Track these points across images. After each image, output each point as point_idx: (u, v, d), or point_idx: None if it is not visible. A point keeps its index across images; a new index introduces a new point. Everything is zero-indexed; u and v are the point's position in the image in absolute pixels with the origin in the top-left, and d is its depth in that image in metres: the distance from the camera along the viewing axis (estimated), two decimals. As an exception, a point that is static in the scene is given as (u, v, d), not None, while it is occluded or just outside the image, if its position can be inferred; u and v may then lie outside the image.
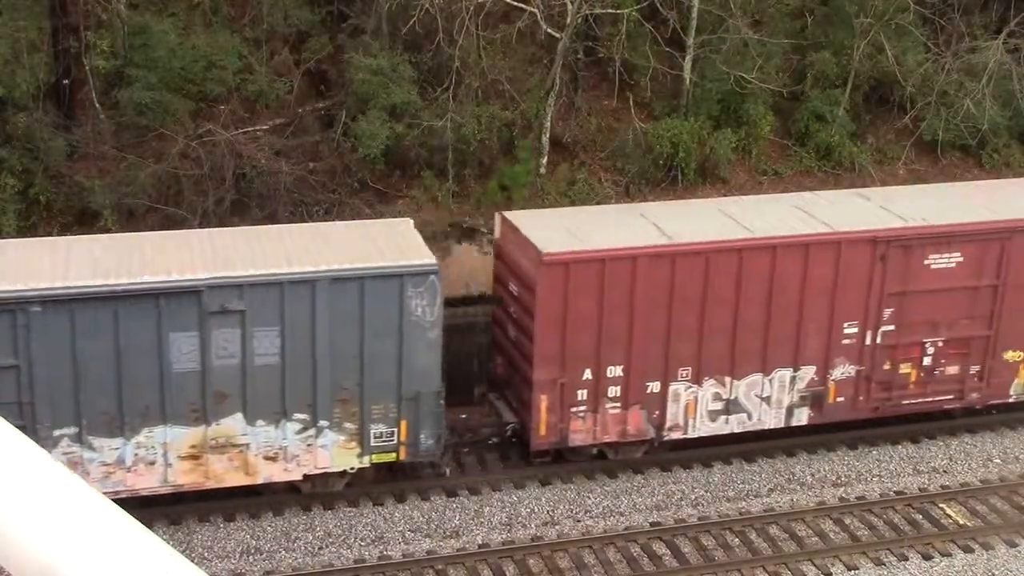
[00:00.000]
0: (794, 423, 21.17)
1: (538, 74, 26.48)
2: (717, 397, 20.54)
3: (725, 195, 26.87)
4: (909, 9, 27.62)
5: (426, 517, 19.87)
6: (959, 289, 21.16)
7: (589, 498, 20.65)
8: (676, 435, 20.72)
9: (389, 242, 19.23)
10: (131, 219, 22.89)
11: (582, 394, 19.85)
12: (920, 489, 21.40)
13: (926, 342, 21.31)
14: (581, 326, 19.39)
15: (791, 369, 20.73)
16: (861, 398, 21.31)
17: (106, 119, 23.51)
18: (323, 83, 25.98)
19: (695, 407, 20.59)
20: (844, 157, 27.95)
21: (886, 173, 28.36)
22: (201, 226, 22.44)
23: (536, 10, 24.68)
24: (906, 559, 19.50)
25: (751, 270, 19.91)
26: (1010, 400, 22.45)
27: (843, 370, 21.04)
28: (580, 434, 20.14)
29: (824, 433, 22.46)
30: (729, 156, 26.97)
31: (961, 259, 21.00)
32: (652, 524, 20.01)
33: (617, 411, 20.12)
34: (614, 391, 19.97)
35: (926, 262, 20.82)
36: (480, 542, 19.37)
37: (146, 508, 18.68)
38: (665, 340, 19.85)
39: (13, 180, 22.25)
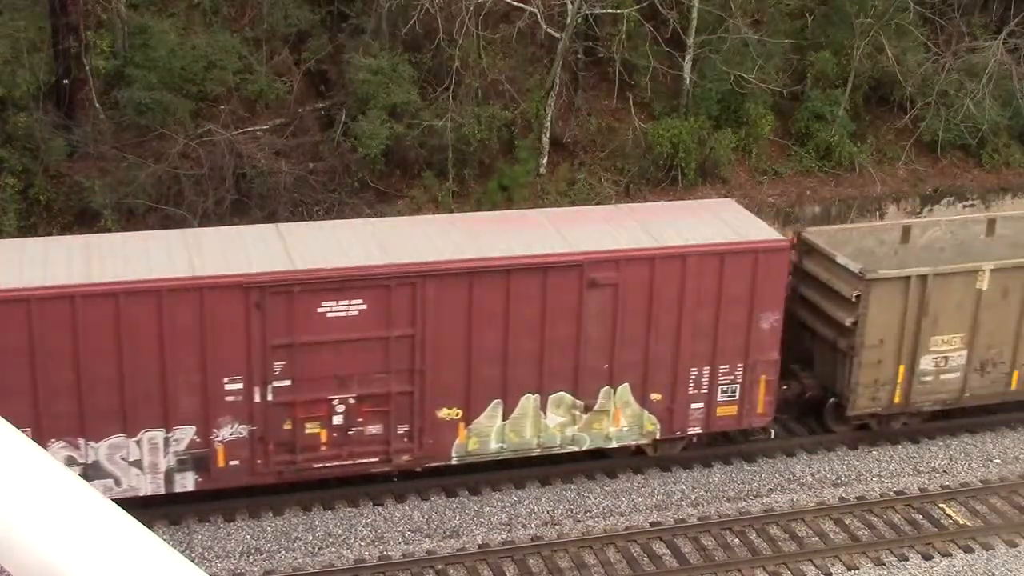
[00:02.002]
0: (178, 489, 18.55)
1: (538, 74, 26.49)
2: (72, 461, 17.61)
3: (726, 195, 26.90)
4: (909, 9, 27.63)
5: (426, 517, 19.87)
6: (366, 340, 18.37)
7: (589, 498, 20.65)
8: None
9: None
10: (131, 219, 22.90)
11: None
12: (920, 489, 21.40)
13: (333, 399, 18.57)
14: None
15: (163, 430, 17.99)
16: (259, 461, 18.65)
17: (106, 119, 23.51)
18: (323, 83, 25.98)
19: None
20: (844, 157, 27.96)
21: (886, 173, 28.37)
22: (201, 226, 22.46)
23: (536, 10, 24.69)
24: (906, 559, 19.50)
25: (91, 320, 17.09)
26: (452, 462, 19.76)
27: (232, 430, 18.33)
28: None
29: (824, 433, 22.48)
30: (729, 156, 26.98)
31: (364, 306, 18.20)
32: (652, 524, 20.01)
33: None
34: None
35: (320, 310, 18.04)
36: (480, 542, 19.37)
37: (146, 508, 18.68)
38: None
39: (13, 180, 22.26)
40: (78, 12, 23.36)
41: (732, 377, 20.40)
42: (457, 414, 19.42)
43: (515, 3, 24.98)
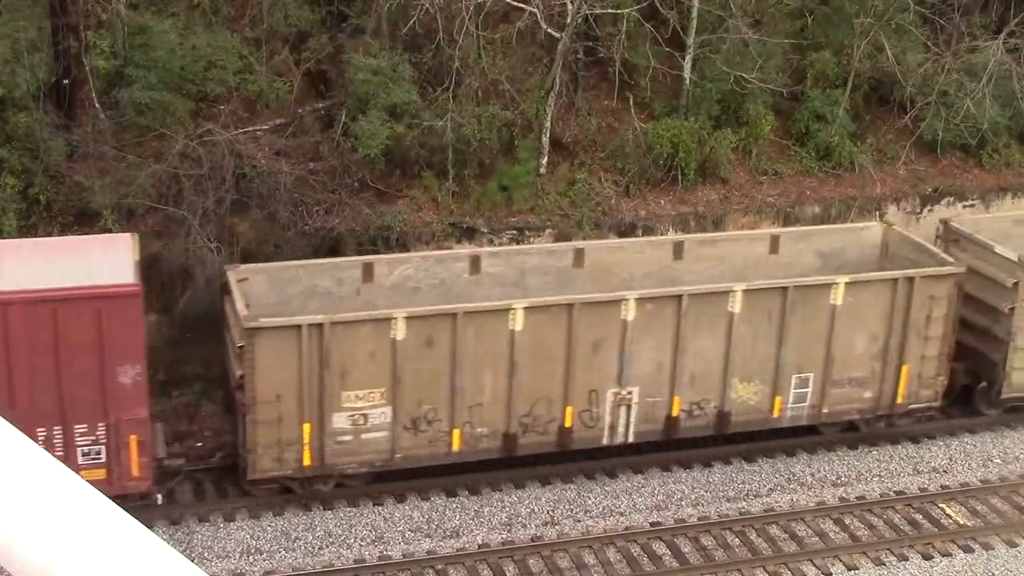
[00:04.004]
0: None
1: (538, 74, 26.46)
2: None
3: (726, 195, 26.89)
4: (909, 9, 27.60)
5: (426, 517, 19.87)
6: None
7: (589, 498, 20.65)
8: None
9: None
10: (131, 219, 22.88)
11: None
12: (920, 489, 21.40)
13: None
14: None
15: None
16: None
17: (106, 119, 23.49)
18: (323, 83, 25.96)
19: None
20: (844, 157, 27.93)
21: (886, 173, 28.35)
22: (201, 226, 22.44)
23: (536, 10, 24.67)
24: (906, 559, 19.50)
25: None
26: None
27: None
28: None
29: (823, 434, 22.48)
30: (729, 156, 26.96)
31: None
32: (652, 524, 20.02)
33: None
34: None
35: None
36: (480, 542, 19.38)
37: (146, 508, 18.69)
38: None
39: (13, 180, 22.24)
40: (78, 12, 23.32)
41: (93, 438, 18.07)
42: None
43: (515, 3, 24.96)
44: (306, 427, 18.79)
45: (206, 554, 18.69)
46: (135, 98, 23.18)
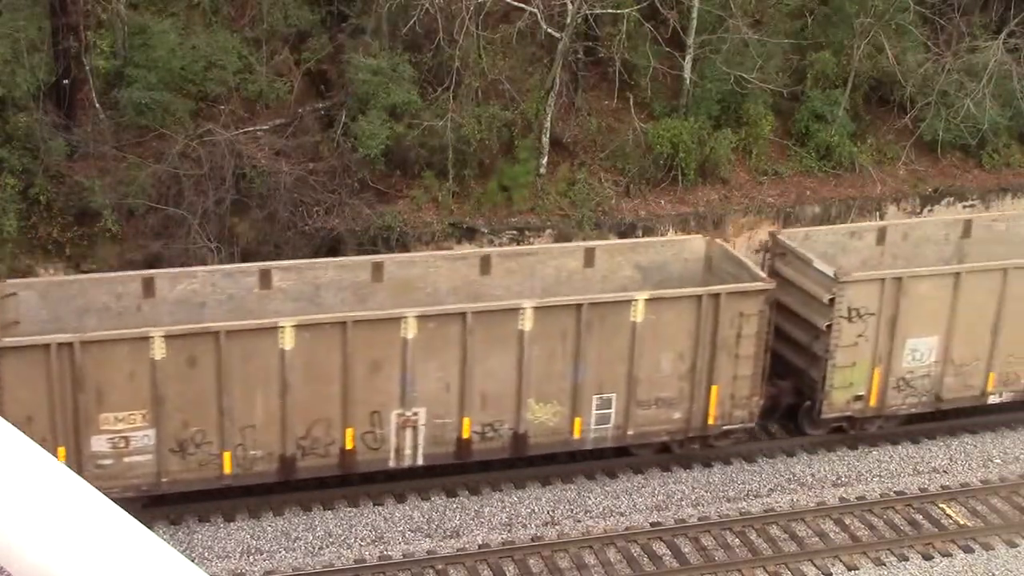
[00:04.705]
0: None
1: (538, 74, 26.47)
2: None
3: (726, 195, 26.90)
4: (909, 9, 27.61)
5: (426, 517, 19.87)
6: None
7: (589, 498, 20.65)
8: None
9: None
10: (131, 219, 22.89)
11: None
12: (920, 489, 21.40)
13: None
14: None
15: None
16: None
17: (106, 119, 23.49)
18: (323, 83, 25.97)
19: None
20: (844, 157, 27.94)
21: (886, 173, 28.36)
22: (201, 226, 22.45)
23: (536, 10, 24.67)
24: (906, 559, 19.50)
25: None
26: None
27: None
28: None
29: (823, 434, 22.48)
30: (729, 156, 26.97)
31: None
32: (652, 524, 20.01)
33: None
34: None
35: None
36: (480, 542, 19.38)
37: (146, 508, 18.70)
38: None
39: (13, 180, 22.24)
40: (78, 12, 23.33)
41: None
42: None
43: (515, 3, 24.97)
44: (61, 451, 17.64)
45: (206, 554, 18.69)
46: (135, 98, 23.19)
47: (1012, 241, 24.19)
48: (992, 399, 22.58)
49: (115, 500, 2.51)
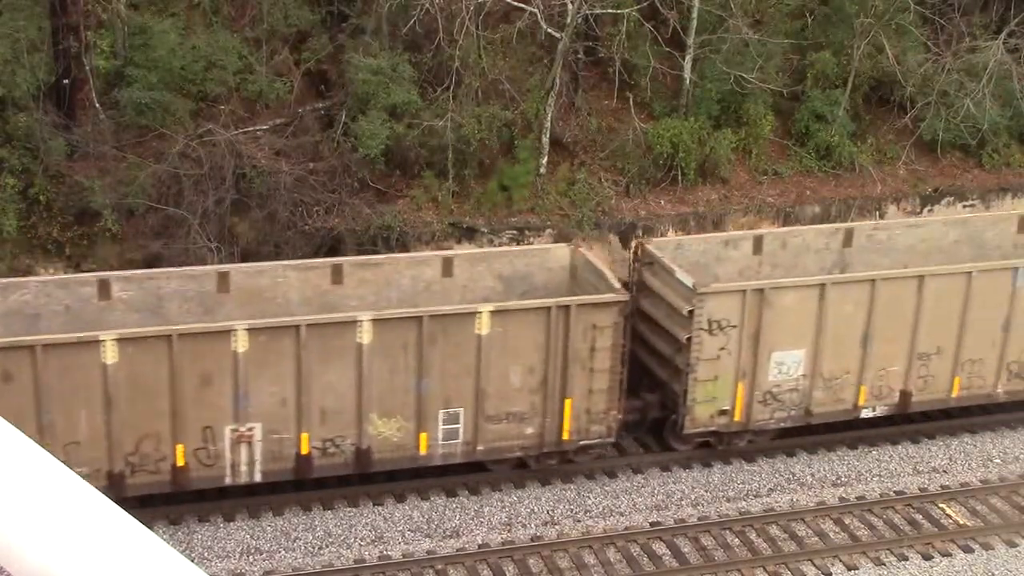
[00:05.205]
0: None
1: (538, 74, 26.47)
2: None
3: (726, 195, 26.89)
4: (909, 9, 27.61)
5: (426, 517, 19.87)
6: None
7: (589, 498, 20.65)
8: None
9: None
10: (131, 219, 22.89)
11: None
12: (920, 489, 21.40)
13: None
14: None
15: None
16: None
17: (106, 119, 23.50)
18: (323, 83, 25.97)
19: None
20: (844, 157, 27.95)
21: (886, 173, 28.36)
22: (201, 226, 22.45)
23: (536, 10, 24.67)
24: (906, 559, 19.51)
25: None
26: None
27: None
28: None
29: (823, 433, 22.48)
30: (729, 156, 26.97)
31: None
32: (652, 524, 20.01)
33: None
34: None
35: None
36: (480, 542, 19.38)
37: (146, 508, 18.70)
38: None
39: (13, 180, 22.25)
40: (78, 12, 23.34)
41: None
42: None
43: (515, 3, 24.97)
44: None
45: (206, 554, 18.69)
46: (135, 98, 23.19)
47: (895, 250, 23.64)
48: (865, 413, 21.82)
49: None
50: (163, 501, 19.25)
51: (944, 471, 22.00)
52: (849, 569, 19.21)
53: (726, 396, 20.92)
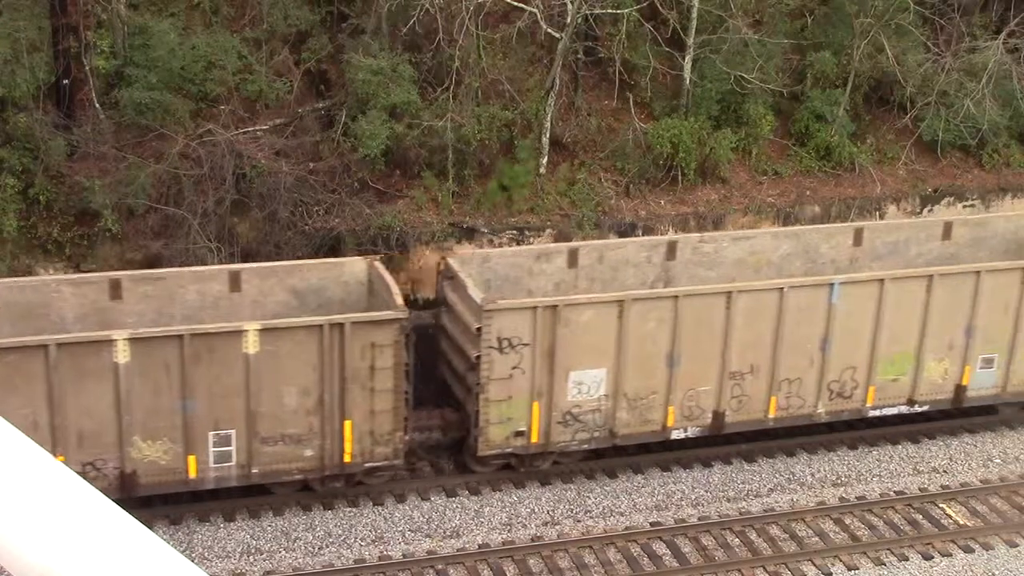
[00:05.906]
0: None
1: (538, 74, 26.48)
2: None
3: (726, 195, 26.89)
4: (909, 9, 27.61)
5: (426, 517, 19.88)
6: None
7: (589, 498, 20.66)
8: None
9: None
10: (131, 219, 22.89)
11: None
12: (920, 489, 21.40)
13: None
14: None
15: None
16: None
17: (106, 119, 23.50)
18: (323, 83, 25.97)
19: None
20: (844, 157, 27.95)
21: (886, 173, 28.36)
22: (201, 226, 22.45)
23: (536, 10, 24.68)
24: (906, 559, 19.51)
25: None
26: None
27: None
28: None
29: (824, 433, 22.48)
30: (729, 156, 26.97)
31: None
32: (652, 524, 20.01)
33: None
34: None
35: None
36: (480, 542, 19.38)
37: (146, 508, 18.70)
38: None
39: (13, 180, 22.25)
40: (78, 12, 23.34)
41: None
42: None
43: (515, 3, 24.97)
44: None
45: (206, 554, 18.70)
46: (135, 98, 23.19)
47: (721, 263, 22.81)
48: (676, 434, 20.77)
49: None
50: (163, 501, 19.26)
51: (944, 471, 22.01)
52: (849, 569, 19.22)
53: (522, 417, 20.01)
